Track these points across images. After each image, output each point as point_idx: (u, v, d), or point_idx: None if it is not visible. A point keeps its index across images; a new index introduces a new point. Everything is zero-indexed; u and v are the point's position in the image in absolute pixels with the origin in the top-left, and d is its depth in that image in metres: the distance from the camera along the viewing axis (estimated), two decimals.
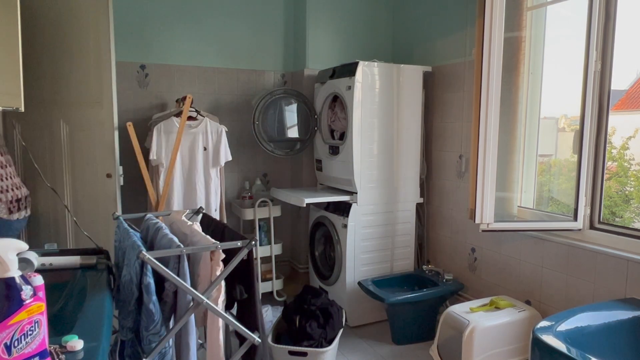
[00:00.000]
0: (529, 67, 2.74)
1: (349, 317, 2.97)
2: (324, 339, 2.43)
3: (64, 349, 1.00)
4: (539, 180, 2.88)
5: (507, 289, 2.80)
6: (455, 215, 3.17)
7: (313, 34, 3.44)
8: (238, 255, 1.63)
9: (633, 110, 4.48)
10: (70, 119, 2.65)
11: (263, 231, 3.33)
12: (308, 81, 3.45)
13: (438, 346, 2.46)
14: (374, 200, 3.06)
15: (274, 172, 3.66)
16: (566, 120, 2.98)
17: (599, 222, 2.42)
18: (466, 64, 3.00)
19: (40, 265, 1.47)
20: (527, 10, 2.71)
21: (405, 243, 3.22)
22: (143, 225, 1.88)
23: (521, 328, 2.38)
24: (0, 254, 0.89)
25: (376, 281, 2.94)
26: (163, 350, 1.53)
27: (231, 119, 3.42)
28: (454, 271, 3.13)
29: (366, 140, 2.98)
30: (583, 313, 1.99)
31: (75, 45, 2.60)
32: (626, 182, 3.45)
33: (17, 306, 0.89)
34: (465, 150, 3.04)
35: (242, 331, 1.67)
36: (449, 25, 3.15)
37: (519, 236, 2.71)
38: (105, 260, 1.64)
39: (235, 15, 3.39)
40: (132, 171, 2.81)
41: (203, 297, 1.56)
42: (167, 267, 1.52)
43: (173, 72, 3.25)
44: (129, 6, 3.05)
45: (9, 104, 1.38)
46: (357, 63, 2.90)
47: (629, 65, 3.05)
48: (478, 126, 2.50)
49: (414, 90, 3.13)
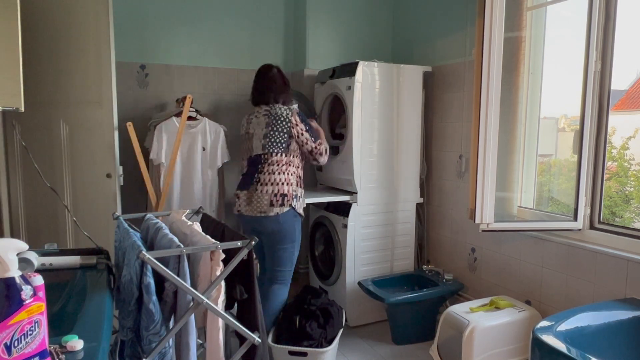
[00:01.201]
0: (529, 67, 2.74)
1: (349, 317, 2.97)
2: (324, 339, 2.43)
3: (64, 349, 1.00)
4: (539, 180, 2.88)
5: (507, 289, 2.80)
6: (455, 215, 3.17)
7: (313, 34, 3.44)
8: (238, 255, 1.63)
9: (633, 110, 4.49)
10: (70, 119, 2.65)
11: None
12: (308, 81, 3.45)
13: (438, 346, 2.46)
14: (374, 200, 3.06)
15: None
16: (566, 120, 2.98)
17: (599, 222, 2.42)
18: (466, 64, 3.00)
19: (40, 265, 1.47)
20: (527, 10, 2.71)
21: (405, 243, 3.22)
22: (143, 225, 1.88)
23: (521, 328, 2.38)
24: (0, 254, 0.89)
25: (376, 281, 2.94)
26: (163, 350, 1.53)
27: (231, 119, 3.41)
28: (454, 271, 3.13)
29: (366, 140, 2.98)
30: (583, 313, 1.99)
31: (75, 45, 2.60)
32: (626, 182, 3.46)
33: (17, 306, 0.89)
34: (465, 150, 3.04)
35: (242, 331, 1.67)
36: (449, 25, 3.15)
37: (519, 236, 2.71)
38: (105, 260, 1.64)
39: (235, 16, 3.39)
40: (132, 171, 2.81)
41: (203, 297, 1.56)
42: (167, 267, 1.52)
43: (173, 72, 3.25)
44: (129, 6, 3.05)
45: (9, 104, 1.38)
46: (357, 63, 2.90)
47: (629, 65, 3.05)
48: (478, 126, 2.50)
49: (414, 90, 3.13)
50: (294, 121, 2.52)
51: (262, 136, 2.52)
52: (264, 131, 2.52)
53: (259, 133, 2.54)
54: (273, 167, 2.49)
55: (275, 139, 2.50)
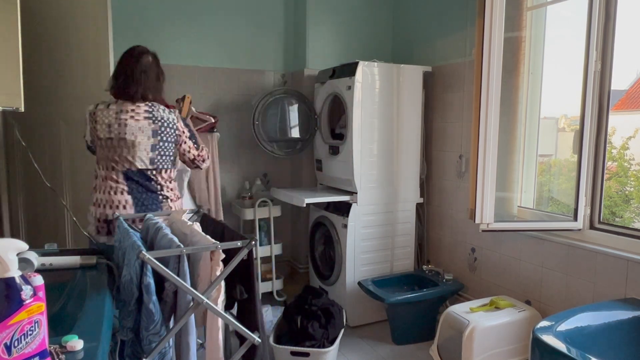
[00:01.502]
0: (529, 67, 2.74)
1: (349, 317, 2.97)
2: (325, 339, 2.43)
3: (64, 349, 1.00)
4: (539, 180, 2.88)
5: (507, 289, 2.80)
6: (455, 215, 3.17)
7: (313, 33, 3.44)
8: (238, 255, 1.63)
9: (633, 110, 4.49)
10: (70, 119, 2.65)
11: (263, 231, 3.33)
12: (308, 81, 3.45)
13: (438, 346, 2.46)
14: (374, 200, 3.06)
15: (274, 172, 3.66)
16: (566, 120, 2.98)
17: (599, 222, 2.42)
18: (466, 64, 3.00)
19: (40, 265, 1.47)
20: (527, 10, 2.71)
21: (405, 243, 3.22)
22: (143, 225, 1.88)
23: (521, 328, 2.38)
24: (0, 254, 0.89)
25: (376, 281, 2.94)
26: (163, 350, 1.53)
27: (231, 119, 3.42)
28: (454, 271, 3.13)
29: (366, 140, 2.98)
30: (583, 313, 1.99)
31: (75, 45, 2.60)
32: (626, 182, 3.46)
33: (17, 306, 0.89)
34: (465, 150, 3.04)
35: (242, 331, 1.67)
36: (449, 25, 3.15)
37: (519, 236, 2.71)
38: (105, 260, 1.64)
39: (235, 15, 3.39)
40: None
41: (203, 297, 1.56)
42: (167, 267, 1.52)
43: (173, 72, 3.24)
44: (128, 6, 3.05)
45: (9, 104, 1.38)
46: (357, 63, 2.90)
47: (629, 65, 3.05)
48: (478, 126, 2.50)
49: (414, 90, 3.13)
50: (180, 128, 2.13)
51: (150, 147, 2.04)
52: (152, 141, 2.03)
53: (145, 142, 2.02)
54: (168, 184, 2.14)
55: (166, 152, 2.08)
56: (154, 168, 2.07)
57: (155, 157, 2.06)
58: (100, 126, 2.03)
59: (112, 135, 2.02)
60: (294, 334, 2.46)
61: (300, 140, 3.34)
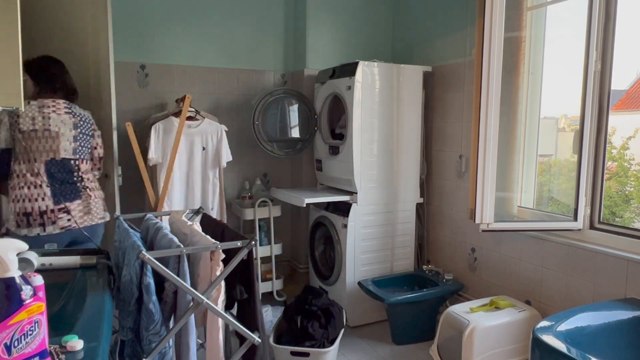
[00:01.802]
0: (529, 67, 2.74)
1: (349, 317, 2.97)
2: (325, 339, 2.43)
3: (64, 349, 1.00)
4: (539, 180, 2.88)
5: (507, 289, 2.80)
6: (455, 215, 3.17)
7: (313, 33, 3.44)
8: (238, 255, 1.63)
9: (633, 110, 4.49)
10: None
11: (263, 231, 3.33)
12: (308, 81, 3.45)
13: (438, 346, 2.46)
14: (374, 200, 3.06)
15: (274, 172, 3.66)
16: (566, 120, 2.98)
17: (599, 222, 2.42)
18: (466, 64, 3.00)
19: (40, 265, 1.47)
20: (527, 10, 2.71)
21: (405, 243, 3.22)
22: (143, 225, 1.88)
23: (521, 328, 2.38)
24: (0, 254, 0.89)
25: (376, 281, 2.94)
26: (163, 350, 1.53)
27: (231, 119, 3.42)
28: (454, 271, 3.13)
29: (366, 140, 2.98)
30: (583, 313, 1.99)
31: (75, 45, 2.60)
32: (626, 182, 3.46)
33: (17, 306, 0.89)
34: (465, 150, 3.04)
35: (242, 331, 1.67)
36: (449, 25, 3.15)
37: (519, 236, 2.71)
38: (105, 260, 1.64)
39: (235, 15, 3.39)
40: (131, 171, 2.81)
41: (203, 297, 1.56)
42: (167, 267, 1.52)
43: (173, 72, 3.25)
44: (129, 6, 3.05)
45: (9, 104, 1.38)
46: (357, 63, 2.90)
47: (629, 65, 3.05)
48: (478, 126, 2.50)
49: (414, 90, 3.13)
50: (95, 126, 2.38)
51: (72, 138, 2.21)
52: (73, 133, 2.21)
53: (67, 134, 2.19)
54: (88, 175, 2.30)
55: (85, 144, 2.27)
56: (76, 158, 2.23)
57: (77, 148, 2.23)
58: (24, 119, 2.13)
59: (36, 127, 2.14)
60: (294, 334, 2.46)
61: (300, 140, 3.34)
